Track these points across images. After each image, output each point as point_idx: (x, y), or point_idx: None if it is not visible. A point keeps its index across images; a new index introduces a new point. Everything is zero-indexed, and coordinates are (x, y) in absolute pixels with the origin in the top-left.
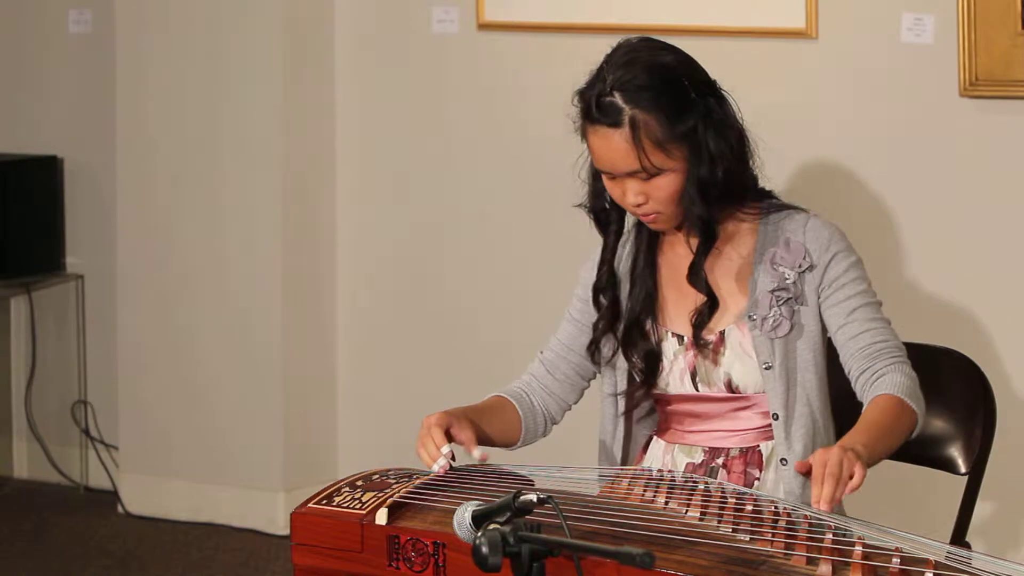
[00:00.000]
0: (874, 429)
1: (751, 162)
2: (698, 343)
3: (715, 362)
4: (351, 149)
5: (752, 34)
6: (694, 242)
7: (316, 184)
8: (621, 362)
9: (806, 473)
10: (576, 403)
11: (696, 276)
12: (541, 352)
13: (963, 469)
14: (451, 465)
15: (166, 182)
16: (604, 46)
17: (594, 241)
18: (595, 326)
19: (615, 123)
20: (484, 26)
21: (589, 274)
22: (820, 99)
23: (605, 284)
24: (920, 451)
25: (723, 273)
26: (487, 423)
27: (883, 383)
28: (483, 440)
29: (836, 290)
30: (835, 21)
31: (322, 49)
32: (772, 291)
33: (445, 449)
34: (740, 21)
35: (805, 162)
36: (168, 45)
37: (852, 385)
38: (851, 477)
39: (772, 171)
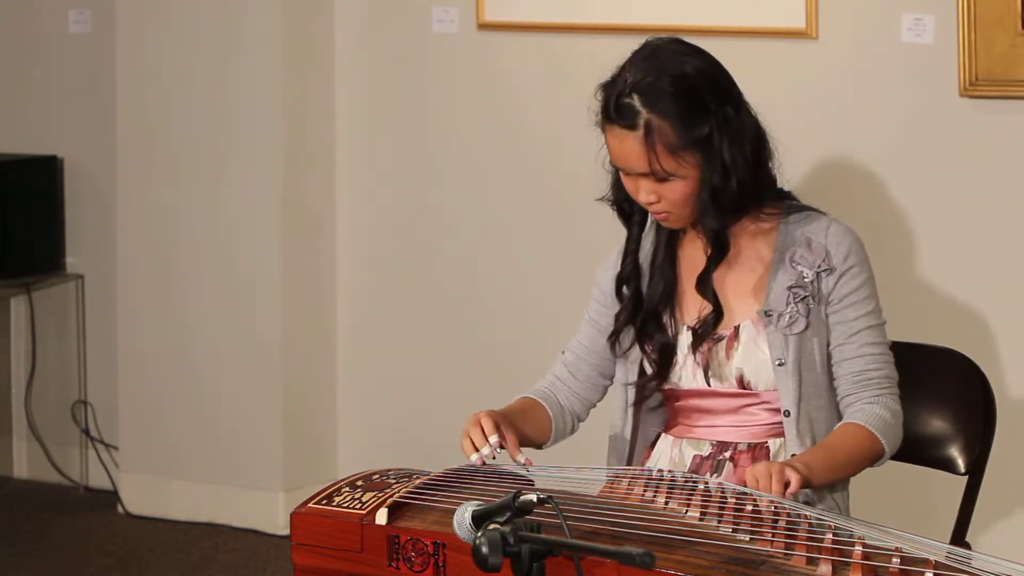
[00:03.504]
0: (822, 451)
1: (770, 164)
2: (698, 346)
3: (728, 356)
4: (351, 149)
5: (752, 34)
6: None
7: (316, 184)
8: (635, 353)
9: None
10: (600, 400)
11: (704, 285)
12: (562, 353)
13: (963, 469)
14: (494, 456)
15: (166, 182)
16: (604, 46)
17: (596, 240)
18: (617, 316)
19: (630, 125)
20: (484, 26)
21: (606, 275)
22: (820, 99)
23: (629, 275)
24: (920, 451)
25: (741, 269)
26: (524, 425)
27: (859, 413)
28: (522, 442)
29: (845, 307)
30: (835, 21)
31: (322, 48)
32: (789, 288)
33: (493, 439)
34: (740, 21)
35: (805, 162)
36: (168, 45)
37: (837, 403)
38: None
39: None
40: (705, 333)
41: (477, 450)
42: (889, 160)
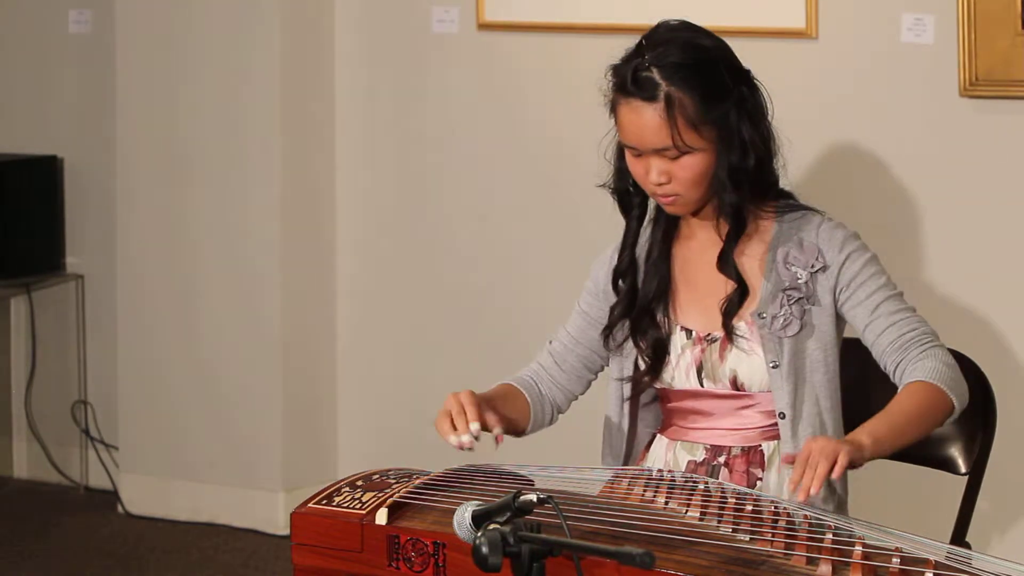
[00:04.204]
0: (892, 417)
1: (776, 160)
2: (728, 323)
3: (722, 358)
4: (351, 150)
5: (752, 34)
6: (710, 233)
7: (316, 186)
8: (629, 348)
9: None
10: (582, 394)
11: (726, 263)
12: (550, 342)
13: (963, 469)
14: (473, 444)
15: (166, 182)
16: (604, 46)
17: (596, 238)
18: (612, 310)
19: (650, 97)
20: (484, 26)
21: (601, 268)
22: (820, 99)
23: (626, 269)
24: (920, 451)
25: (748, 252)
26: (501, 410)
27: (917, 370)
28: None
29: (856, 288)
30: (835, 21)
31: (322, 49)
32: (784, 290)
33: (475, 426)
34: (740, 21)
35: (804, 162)
36: (168, 45)
37: (891, 379)
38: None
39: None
40: (731, 311)
41: (455, 431)
42: (889, 160)
